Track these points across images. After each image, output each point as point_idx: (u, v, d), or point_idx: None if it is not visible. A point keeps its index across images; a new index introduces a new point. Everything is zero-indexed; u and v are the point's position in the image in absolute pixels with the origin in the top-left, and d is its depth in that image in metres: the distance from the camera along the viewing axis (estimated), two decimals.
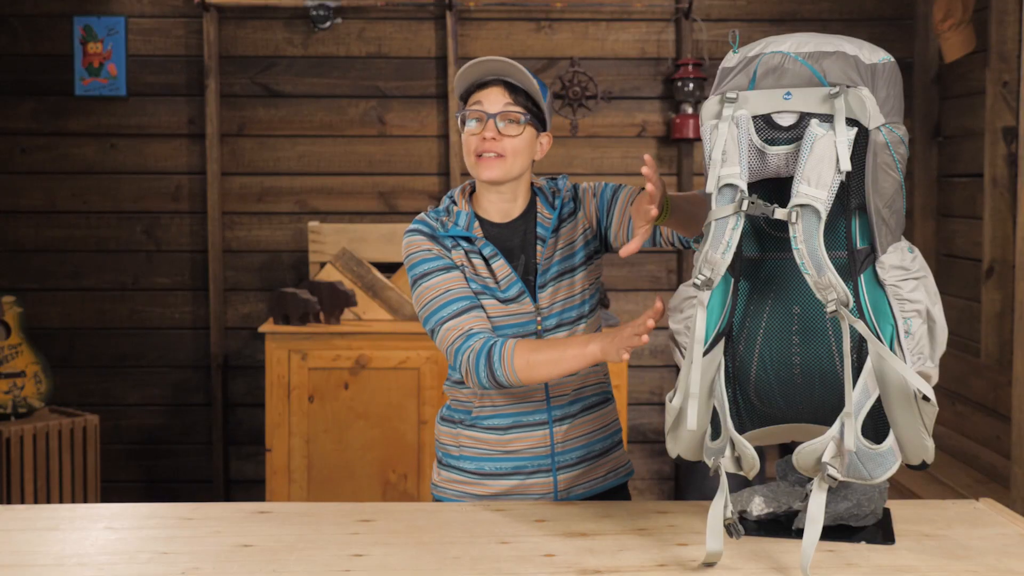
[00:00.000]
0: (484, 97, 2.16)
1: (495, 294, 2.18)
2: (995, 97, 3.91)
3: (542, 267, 2.20)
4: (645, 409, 4.80)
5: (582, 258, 2.24)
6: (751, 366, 1.87)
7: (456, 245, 2.20)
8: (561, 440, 2.22)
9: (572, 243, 2.24)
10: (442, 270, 2.17)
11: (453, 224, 2.20)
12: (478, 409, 2.21)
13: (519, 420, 2.21)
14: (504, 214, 2.23)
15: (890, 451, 1.73)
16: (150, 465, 4.80)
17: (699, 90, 4.60)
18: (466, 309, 2.13)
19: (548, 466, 2.22)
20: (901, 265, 1.77)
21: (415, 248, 2.20)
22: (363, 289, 4.38)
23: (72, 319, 4.74)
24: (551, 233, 2.22)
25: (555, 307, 2.20)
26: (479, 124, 2.16)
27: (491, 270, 2.19)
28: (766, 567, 1.75)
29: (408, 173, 4.74)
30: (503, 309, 2.17)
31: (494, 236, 2.22)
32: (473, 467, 2.23)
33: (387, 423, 4.18)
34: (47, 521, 2.01)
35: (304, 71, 4.70)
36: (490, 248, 2.19)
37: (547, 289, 2.20)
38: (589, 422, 2.26)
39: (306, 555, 1.82)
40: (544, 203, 2.25)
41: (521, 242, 2.22)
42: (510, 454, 2.21)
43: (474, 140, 2.16)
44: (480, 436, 2.22)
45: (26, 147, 4.69)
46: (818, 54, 1.74)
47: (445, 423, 2.29)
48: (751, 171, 1.76)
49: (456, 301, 2.14)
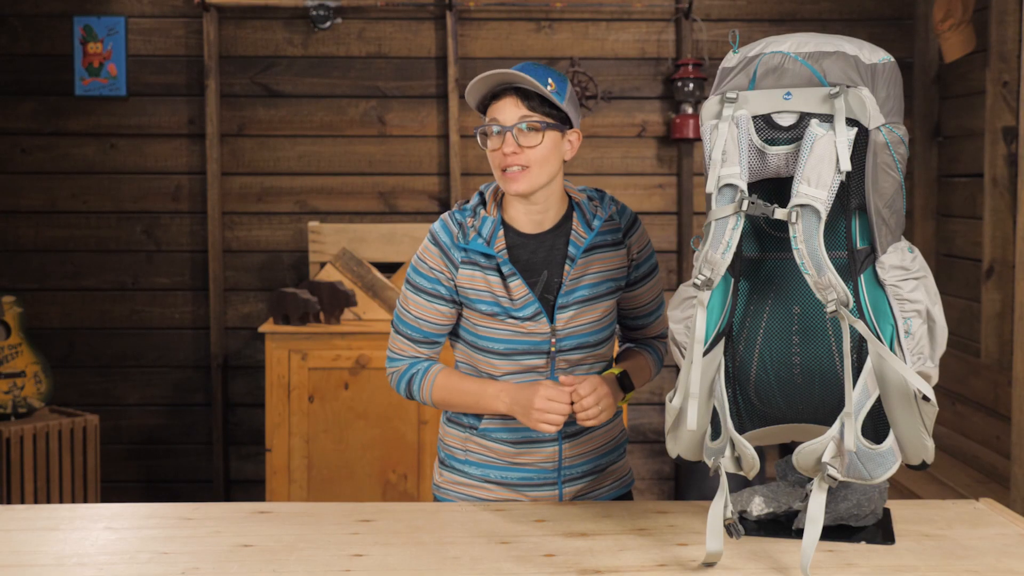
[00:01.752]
0: (498, 111, 2.08)
1: (510, 313, 2.12)
2: (995, 97, 3.91)
3: (566, 287, 2.13)
4: (645, 409, 4.80)
5: (609, 289, 2.17)
6: (751, 366, 1.87)
7: (469, 261, 2.13)
8: (569, 456, 2.21)
9: (605, 272, 2.16)
10: (428, 295, 2.16)
11: (476, 234, 2.12)
12: (487, 421, 2.19)
13: (528, 435, 2.18)
14: (536, 225, 2.16)
15: (890, 451, 1.73)
16: (150, 465, 4.80)
17: (699, 90, 4.60)
18: (420, 340, 2.20)
19: (554, 479, 2.21)
20: (901, 265, 1.77)
21: (425, 258, 2.16)
22: (363, 289, 4.38)
23: (72, 319, 4.74)
24: (582, 253, 2.14)
25: (574, 331, 2.15)
26: (498, 138, 2.08)
27: (507, 288, 2.12)
28: (766, 567, 1.75)
29: (408, 173, 4.74)
30: (518, 327, 2.13)
31: (517, 248, 2.14)
32: (479, 473, 2.22)
33: (387, 423, 4.17)
34: (47, 521, 2.01)
35: (304, 71, 4.70)
36: (509, 267, 2.12)
37: (568, 311, 2.13)
38: (598, 437, 2.24)
39: (306, 555, 1.82)
40: (580, 220, 2.16)
41: (547, 257, 2.15)
42: (517, 466, 2.20)
43: (496, 156, 2.08)
44: (489, 445, 2.20)
45: (26, 147, 4.69)
46: (818, 54, 1.74)
47: (453, 425, 2.25)
48: (751, 171, 1.76)
49: (417, 331, 2.19)
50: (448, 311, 2.17)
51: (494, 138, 2.08)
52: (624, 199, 4.73)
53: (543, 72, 2.07)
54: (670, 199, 4.77)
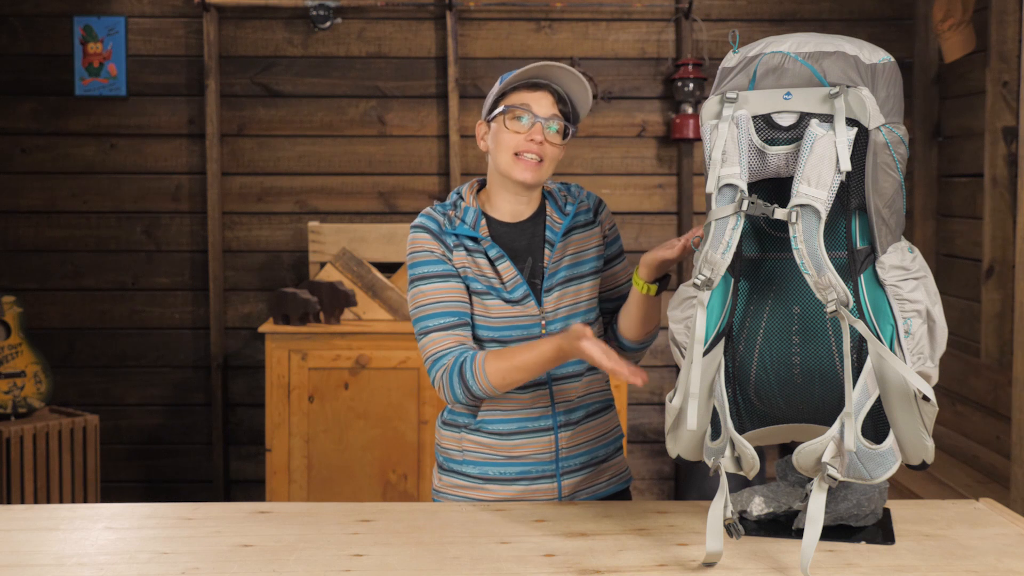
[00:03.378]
0: (533, 100, 2.14)
1: (501, 294, 2.16)
2: (995, 97, 3.92)
3: (549, 271, 2.19)
4: (645, 409, 4.80)
5: (591, 268, 2.24)
6: (751, 366, 1.87)
7: (459, 244, 2.18)
8: (566, 446, 2.21)
9: (583, 252, 2.24)
10: (439, 277, 2.15)
11: (460, 221, 2.19)
12: (483, 413, 2.20)
13: (524, 425, 2.19)
14: (515, 215, 2.22)
15: (890, 451, 1.73)
16: (150, 465, 4.80)
17: (699, 90, 4.60)
18: (452, 325, 2.13)
19: (552, 472, 2.21)
20: (901, 265, 1.77)
21: (418, 247, 2.18)
22: (363, 289, 4.38)
23: (72, 319, 4.74)
24: (560, 237, 2.21)
25: (560, 312, 2.19)
26: (528, 122, 2.13)
27: (496, 271, 2.17)
28: (766, 567, 1.75)
29: (408, 173, 4.74)
30: (508, 310, 2.16)
31: (501, 236, 2.21)
32: (476, 472, 2.22)
33: (387, 423, 4.18)
34: (47, 521, 2.01)
35: (304, 71, 4.70)
36: (496, 250, 2.17)
37: (553, 293, 2.19)
38: (593, 428, 2.26)
39: (306, 555, 1.82)
40: (554, 207, 2.25)
41: (528, 244, 2.21)
42: (515, 459, 2.20)
43: (515, 138, 2.14)
44: (484, 441, 2.21)
45: (26, 147, 4.70)
46: (818, 54, 1.74)
47: (447, 427, 2.27)
48: (751, 171, 1.76)
49: (444, 315, 2.14)
50: (462, 287, 2.17)
51: (521, 123, 2.14)
52: (624, 199, 4.74)
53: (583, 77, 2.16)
54: (670, 199, 4.77)
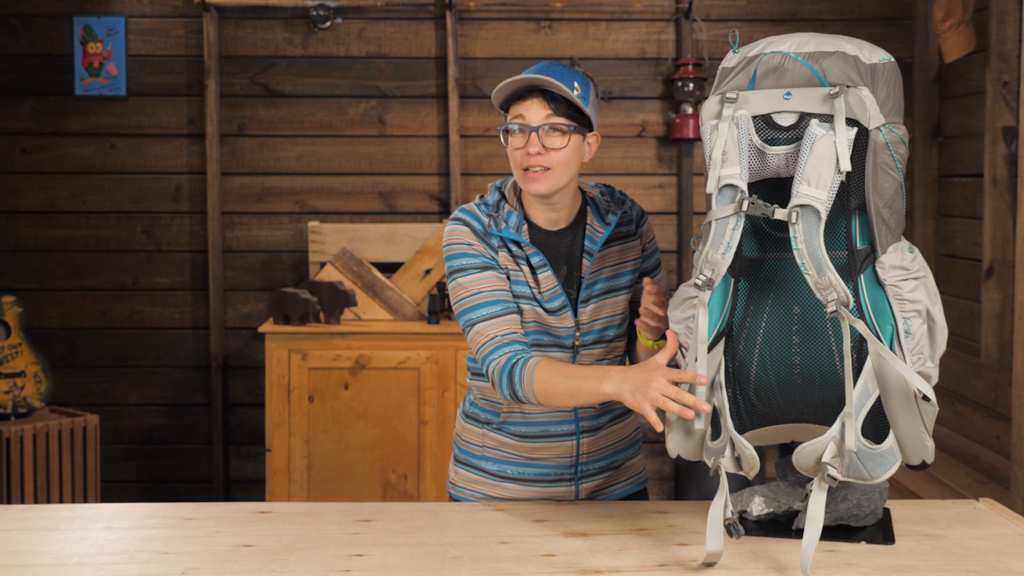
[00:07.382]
0: (523, 110, 2.06)
1: (539, 302, 2.12)
2: (995, 97, 3.91)
3: (587, 281, 2.14)
4: None
5: (628, 281, 2.19)
6: (751, 366, 1.87)
7: (503, 246, 2.12)
8: (587, 451, 2.20)
9: (621, 264, 2.18)
10: (478, 268, 2.09)
11: (505, 225, 2.12)
12: (506, 414, 2.18)
13: (547, 430, 2.18)
14: (552, 223, 2.16)
15: (890, 451, 1.73)
16: (150, 465, 4.80)
17: (699, 90, 4.60)
18: (498, 313, 2.06)
19: (571, 475, 2.20)
20: (901, 265, 1.77)
21: (456, 239, 2.11)
22: (363, 289, 4.38)
23: (72, 319, 4.74)
24: (599, 247, 2.15)
25: (596, 324, 2.15)
26: (522, 137, 2.06)
27: (536, 279, 2.12)
28: (766, 567, 1.75)
29: (408, 173, 4.74)
30: (544, 319, 2.12)
31: (539, 243, 2.15)
32: (495, 469, 2.21)
33: (387, 423, 4.17)
34: (47, 521, 2.01)
35: (304, 71, 4.70)
36: (539, 257, 2.11)
37: (590, 305, 2.14)
38: (615, 432, 2.24)
39: (306, 555, 1.82)
40: (595, 215, 2.18)
41: (567, 253, 2.16)
42: (534, 461, 2.19)
43: (519, 155, 2.07)
44: (506, 440, 2.19)
45: (26, 147, 4.69)
46: (818, 54, 1.74)
47: (471, 421, 2.23)
48: (751, 171, 1.76)
49: (488, 304, 2.07)
50: (503, 277, 2.11)
51: (517, 136, 2.07)
52: None
53: (569, 74, 2.06)
54: (670, 199, 4.77)
